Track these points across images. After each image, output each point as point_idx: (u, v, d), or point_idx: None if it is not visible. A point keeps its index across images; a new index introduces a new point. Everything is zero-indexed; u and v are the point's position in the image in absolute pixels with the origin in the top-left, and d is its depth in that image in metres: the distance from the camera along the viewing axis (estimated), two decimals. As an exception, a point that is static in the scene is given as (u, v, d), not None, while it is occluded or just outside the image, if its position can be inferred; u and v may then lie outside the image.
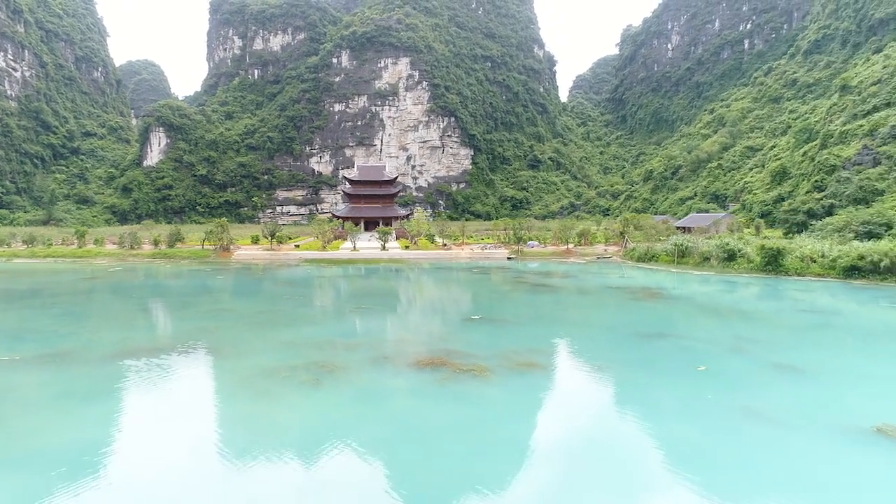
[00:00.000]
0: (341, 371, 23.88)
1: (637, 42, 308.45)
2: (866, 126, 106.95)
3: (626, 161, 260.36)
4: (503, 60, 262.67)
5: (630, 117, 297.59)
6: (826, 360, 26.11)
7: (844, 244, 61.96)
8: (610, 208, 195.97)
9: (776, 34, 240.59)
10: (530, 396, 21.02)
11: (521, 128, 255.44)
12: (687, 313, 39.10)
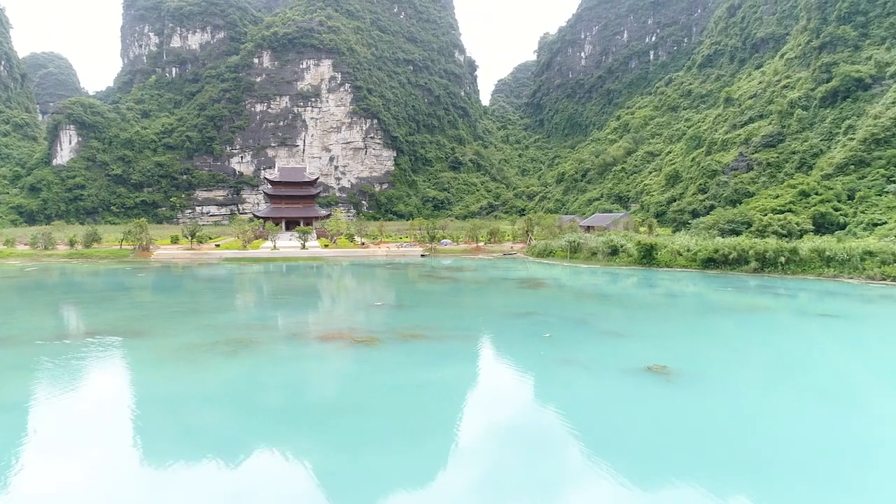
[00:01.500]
0: (256, 344, 28.80)
1: (553, 50, 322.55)
2: (743, 135, 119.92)
3: (543, 163, 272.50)
4: (425, 64, 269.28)
5: (547, 121, 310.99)
6: (645, 328, 33.32)
7: (710, 240, 71.42)
8: (526, 208, 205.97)
9: (678, 47, 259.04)
10: (408, 356, 26.76)
11: (442, 130, 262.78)
12: (558, 298, 46.13)
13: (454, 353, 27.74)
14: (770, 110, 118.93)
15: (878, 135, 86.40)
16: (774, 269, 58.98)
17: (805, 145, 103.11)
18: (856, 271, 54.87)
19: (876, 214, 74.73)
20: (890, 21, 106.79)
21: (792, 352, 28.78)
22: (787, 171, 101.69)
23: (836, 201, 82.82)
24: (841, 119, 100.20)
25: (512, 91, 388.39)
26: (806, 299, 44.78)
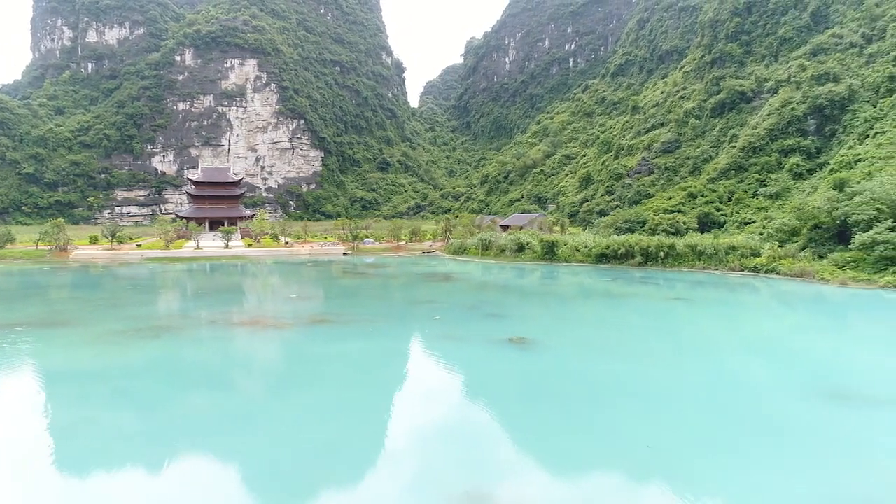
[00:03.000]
0: (176, 329, 32.38)
1: (479, 54, 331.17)
2: (646, 141, 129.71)
3: (470, 165, 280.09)
4: (352, 66, 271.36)
5: (474, 124, 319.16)
6: (521, 311, 38.96)
7: (606, 237, 78.71)
8: (452, 209, 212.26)
9: (595, 56, 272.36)
10: (312, 335, 31.11)
11: (370, 131, 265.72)
12: (459, 289, 51.42)
13: (354, 333, 32.24)
14: (669, 119, 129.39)
15: (755, 143, 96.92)
16: (656, 263, 66.59)
17: (697, 151, 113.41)
18: (721, 263, 63.03)
19: (748, 214, 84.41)
20: (769, 41, 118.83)
21: (632, 326, 34.99)
22: (682, 175, 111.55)
23: (719, 202, 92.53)
24: (727, 128, 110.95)
25: (440, 93, 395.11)
26: (668, 287, 51.93)
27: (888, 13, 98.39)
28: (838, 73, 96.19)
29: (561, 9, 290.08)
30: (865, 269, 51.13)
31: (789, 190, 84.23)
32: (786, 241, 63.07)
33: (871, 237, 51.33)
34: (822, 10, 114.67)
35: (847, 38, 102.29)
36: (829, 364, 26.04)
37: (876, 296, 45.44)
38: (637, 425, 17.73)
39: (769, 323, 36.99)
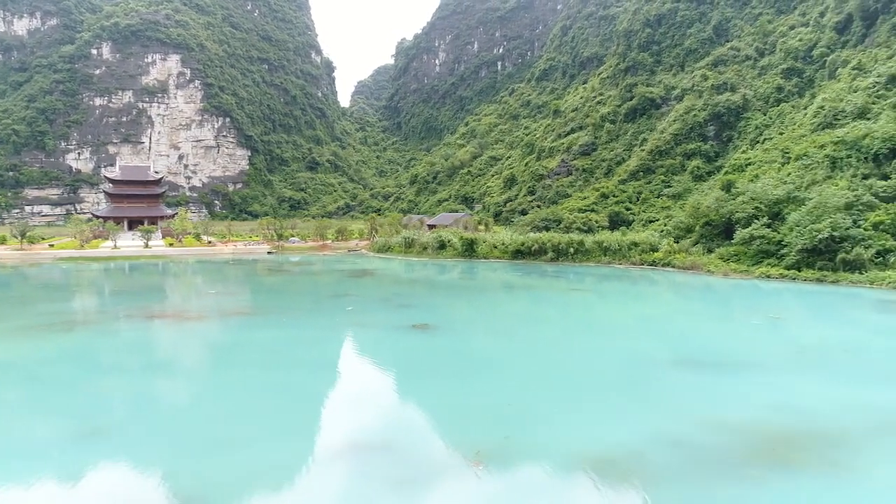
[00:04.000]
0: (91, 323, 33.17)
1: (409, 55, 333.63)
2: (566, 144, 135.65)
3: (401, 165, 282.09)
4: (280, 64, 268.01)
5: (405, 124, 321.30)
6: (429, 301, 41.67)
7: (522, 235, 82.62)
8: (382, 209, 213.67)
9: (522, 60, 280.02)
10: (227, 326, 32.63)
11: (299, 130, 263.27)
12: (377, 284, 53.68)
13: (269, 322, 33.95)
14: (587, 123, 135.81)
15: (662, 147, 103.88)
16: (567, 258, 70.90)
17: (612, 154, 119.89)
18: (624, 258, 67.93)
19: (653, 213, 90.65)
20: (676, 52, 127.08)
21: (530, 313, 38.29)
22: (598, 176, 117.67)
23: (628, 202, 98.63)
24: (639, 132, 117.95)
25: (372, 93, 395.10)
26: (573, 280, 55.98)
27: (777, 30, 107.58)
28: (735, 83, 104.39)
29: (489, 13, 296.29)
30: (745, 262, 56.75)
31: (690, 191, 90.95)
32: (681, 237, 68.61)
33: (749, 233, 57.07)
34: (723, 24, 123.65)
35: (743, 52, 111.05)
36: (692, 339, 29.91)
37: (751, 284, 50.76)
38: (511, 390, 20.56)
39: (650, 308, 41.21)
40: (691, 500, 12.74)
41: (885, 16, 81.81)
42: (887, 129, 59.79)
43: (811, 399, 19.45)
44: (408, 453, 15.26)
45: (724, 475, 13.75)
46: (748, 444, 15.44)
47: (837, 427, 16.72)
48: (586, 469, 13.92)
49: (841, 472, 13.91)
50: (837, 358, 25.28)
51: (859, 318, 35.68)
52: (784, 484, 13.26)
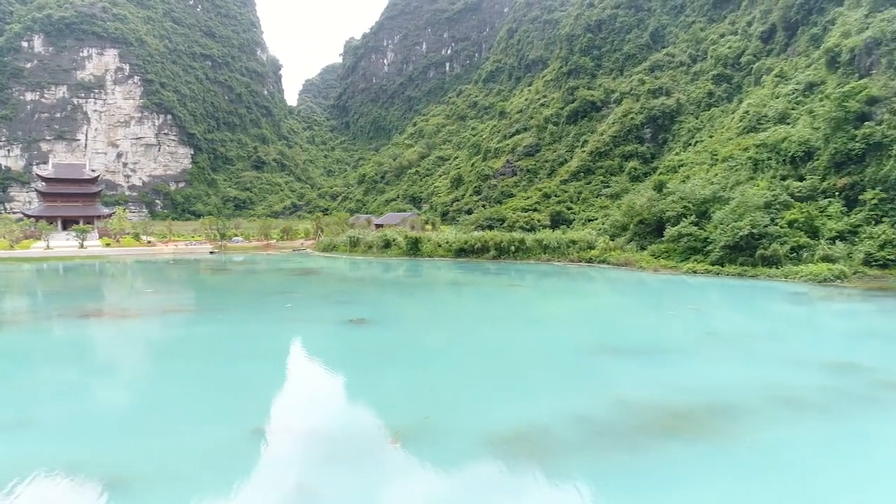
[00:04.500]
0: (20, 322, 32.56)
1: (358, 55, 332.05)
2: (511, 145, 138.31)
3: (349, 165, 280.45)
4: (224, 61, 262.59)
5: (353, 124, 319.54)
6: (368, 298, 42.44)
7: (466, 234, 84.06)
8: (329, 208, 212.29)
9: (470, 61, 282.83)
10: (163, 323, 32.60)
11: (244, 129, 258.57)
12: (319, 281, 54.04)
13: (205, 319, 34.10)
14: (531, 124, 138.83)
15: (601, 148, 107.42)
16: (508, 256, 72.69)
17: (554, 155, 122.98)
18: (563, 256, 70.17)
19: (592, 212, 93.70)
20: (616, 56, 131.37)
21: (466, 307, 39.56)
22: (541, 177, 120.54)
23: (570, 202, 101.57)
24: (580, 134, 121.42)
25: (320, 92, 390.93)
26: (513, 276, 57.68)
27: (709, 37, 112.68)
28: (670, 87, 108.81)
29: (437, 14, 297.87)
30: (674, 258, 59.65)
31: (627, 191, 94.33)
32: (617, 235, 71.38)
33: (678, 231, 60.03)
34: (660, 30, 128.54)
35: (678, 58, 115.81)
36: (614, 329, 31.68)
37: (679, 279, 53.46)
38: (437, 377, 21.63)
39: (581, 302, 43.12)
40: (586, 467, 14.04)
41: (804, 27, 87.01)
42: (803, 133, 63.77)
43: (709, 379, 21.25)
44: (332, 435, 16.11)
45: (619, 445, 15.14)
46: (646, 419, 16.94)
47: (727, 402, 18.44)
48: (493, 443, 15.09)
49: (723, 439, 15.51)
50: (741, 343, 27.42)
51: (769, 308, 38.36)
52: (671, 450, 14.74)
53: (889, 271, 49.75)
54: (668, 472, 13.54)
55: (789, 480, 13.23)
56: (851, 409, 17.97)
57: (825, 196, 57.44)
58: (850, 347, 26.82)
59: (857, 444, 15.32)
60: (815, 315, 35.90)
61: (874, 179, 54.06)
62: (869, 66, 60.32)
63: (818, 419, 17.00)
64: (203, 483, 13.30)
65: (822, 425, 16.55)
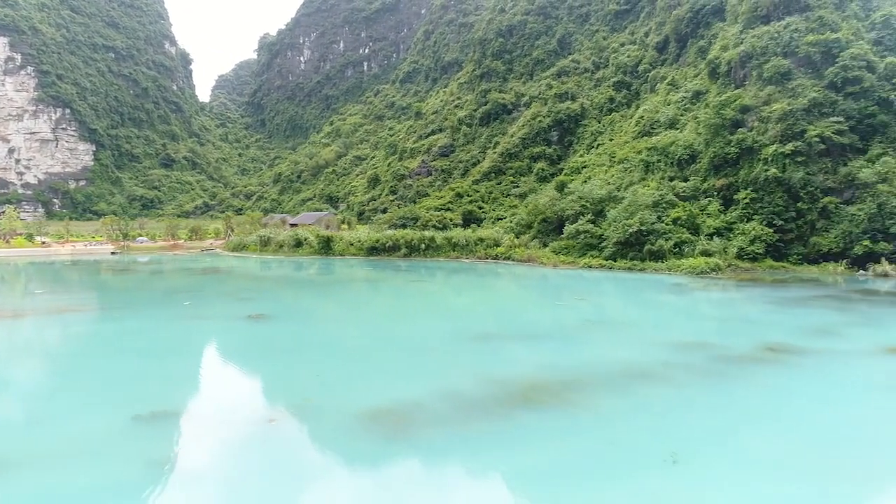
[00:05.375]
0: None
1: (273, 51, 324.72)
2: (426, 145, 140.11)
3: (264, 163, 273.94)
4: (129, 53, 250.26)
5: (269, 122, 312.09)
6: (269, 295, 42.90)
7: (378, 233, 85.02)
8: (243, 208, 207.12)
9: (388, 61, 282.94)
10: (55, 322, 31.89)
11: (152, 125, 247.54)
12: (223, 280, 53.74)
13: (100, 318, 33.59)
14: (446, 125, 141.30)
15: (511, 150, 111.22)
16: (419, 254, 74.42)
17: (468, 156, 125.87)
18: (471, 253, 72.65)
19: (501, 211, 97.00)
20: (526, 61, 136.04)
21: (366, 302, 40.81)
22: (455, 177, 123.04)
23: (481, 201, 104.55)
24: (492, 136, 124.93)
25: (234, 88, 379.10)
26: (423, 274, 59.41)
27: (611, 46, 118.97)
28: (575, 92, 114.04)
29: (355, 13, 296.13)
30: (573, 254, 63.22)
31: (535, 191, 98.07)
32: (522, 232, 74.58)
33: (576, 228, 63.67)
34: (567, 38, 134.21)
35: (582, 64, 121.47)
36: (501, 318, 33.81)
37: (576, 273, 56.84)
38: (324, 365, 22.78)
39: (479, 295, 45.35)
40: (446, 434, 15.65)
41: (693, 39, 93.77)
42: (688, 138, 69.11)
43: (574, 359, 23.54)
44: (212, 418, 16.98)
45: (479, 415, 16.88)
46: (509, 392, 18.82)
47: (583, 377, 20.67)
48: (366, 418, 16.47)
49: (570, 406, 17.58)
50: (612, 328, 30.19)
51: (648, 298, 41.85)
52: (523, 417, 16.61)
53: (758, 263, 55.10)
54: (516, 434, 15.35)
55: (616, 438, 15.36)
56: (687, 379, 20.65)
57: (706, 196, 62.63)
58: (706, 329, 30.13)
59: (683, 408, 17.81)
60: (686, 303, 39.56)
61: (746, 181, 59.49)
62: (743, 77, 66.22)
63: (655, 388, 19.46)
64: (71, 464, 13.87)
65: (656, 393, 18.99)
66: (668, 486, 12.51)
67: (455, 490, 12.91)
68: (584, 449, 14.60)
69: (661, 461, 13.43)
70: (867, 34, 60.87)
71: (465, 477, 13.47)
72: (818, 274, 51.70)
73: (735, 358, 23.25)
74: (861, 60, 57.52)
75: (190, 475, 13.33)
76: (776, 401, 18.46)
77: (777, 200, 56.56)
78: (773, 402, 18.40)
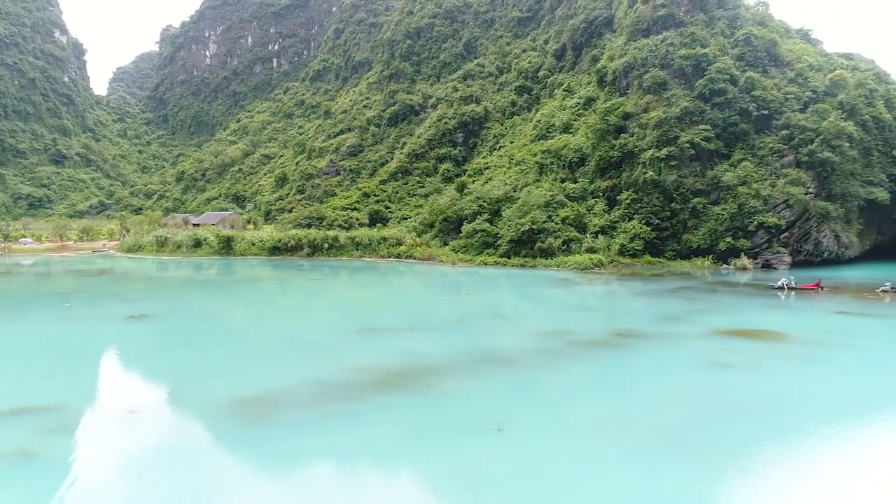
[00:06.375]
0: None
1: (176, 44, 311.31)
2: (335, 144, 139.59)
3: (167, 161, 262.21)
4: (14, 41, 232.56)
5: (172, 117, 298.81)
6: (154, 296, 42.37)
7: (282, 232, 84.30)
8: (143, 207, 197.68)
9: (298, 58, 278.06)
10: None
11: (40, 118, 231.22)
12: (111, 282, 52.18)
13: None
14: (355, 125, 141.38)
15: (418, 150, 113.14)
16: (322, 253, 74.66)
17: (376, 156, 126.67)
18: (374, 252, 73.70)
19: (407, 211, 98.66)
20: (433, 63, 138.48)
21: (257, 300, 41.17)
22: (364, 177, 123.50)
23: (388, 201, 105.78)
24: (400, 136, 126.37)
25: (134, 81, 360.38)
26: (326, 273, 59.96)
27: (513, 51, 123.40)
28: (479, 95, 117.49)
29: (263, 8, 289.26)
30: (471, 252, 65.66)
31: (440, 191, 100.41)
32: (424, 232, 76.48)
33: (473, 227, 66.21)
34: (472, 42, 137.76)
35: (487, 68, 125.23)
36: (387, 313, 35.28)
37: (473, 271, 59.19)
38: (197, 359, 23.38)
39: (372, 291, 46.66)
40: (304, 415, 16.89)
41: (587, 48, 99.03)
42: (579, 141, 73.34)
43: (441, 348, 25.34)
44: (70, 410, 17.36)
45: (340, 398, 18.24)
46: (373, 378, 20.27)
47: (444, 363, 22.44)
48: (231, 406, 17.45)
49: (423, 388, 19.26)
50: (486, 320, 32.36)
51: (532, 292, 44.59)
52: (378, 398, 18.12)
53: (637, 259, 59.61)
54: (369, 413, 16.83)
55: (456, 412, 17.17)
56: (537, 361, 22.90)
57: (593, 196, 66.85)
58: (572, 318, 32.85)
59: (523, 386, 19.94)
60: (564, 296, 42.53)
61: (628, 183, 64.06)
62: (626, 86, 71.08)
63: (505, 370, 21.55)
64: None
65: (505, 374, 21.08)
66: (488, 449, 14.39)
67: (304, 462, 14.17)
68: (425, 423, 16.27)
69: (488, 430, 15.31)
70: (731, 50, 66.99)
71: (316, 450, 14.74)
72: (689, 268, 56.65)
73: (587, 343, 25.86)
74: (725, 74, 63.39)
75: (44, 467, 13.85)
76: (607, 377, 20.99)
77: (654, 201, 61.37)
78: (604, 378, 20.92)
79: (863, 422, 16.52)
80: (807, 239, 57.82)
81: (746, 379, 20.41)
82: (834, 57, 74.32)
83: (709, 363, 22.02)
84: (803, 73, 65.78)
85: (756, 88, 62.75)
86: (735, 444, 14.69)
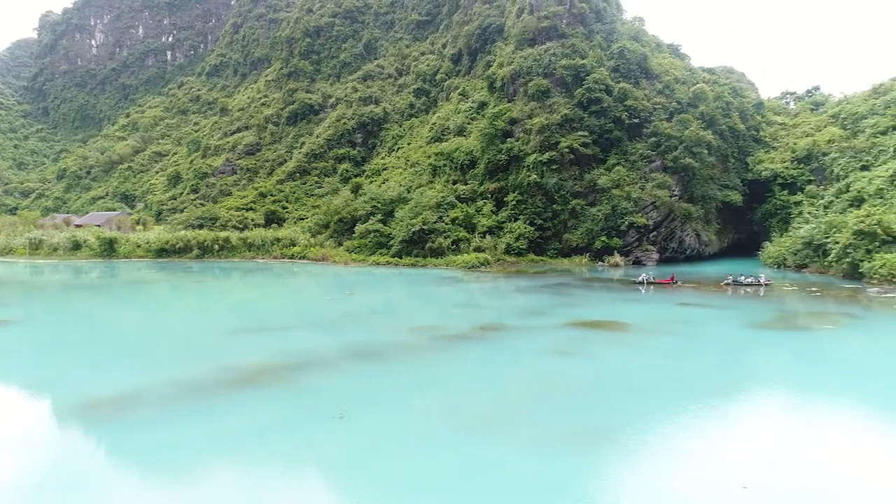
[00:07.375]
0: None
1: (58, 31, 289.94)
2: (231, 143, 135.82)
3: (48, 157, 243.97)
4: None
5: (53, 111, 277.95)
6: (24, 301, 40.53)
7: (170, 234, 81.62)
8: (18, 207, 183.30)
9: (194, 52, 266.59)
10: None
11: None
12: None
13: None
14: (252, 123, 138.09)
15: (316, 150, 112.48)
16: (213, 255, 73.16)
17: (274, 155, 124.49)
18: (267, 253, 73.13)
19: (304, 211, 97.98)
20: (333, 63, 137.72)
21: (129, 303, 40.35)
22: (262, 176, 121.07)
23: (285, 201, 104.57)
24: (299, 136, 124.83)
25: (9, 70, 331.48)
26: (212, 274, 59.03)
27: (412, 54, 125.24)
28: (379, 97, 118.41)
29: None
30: (364, 252, 66.70)
31: (338, 192, 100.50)
32: (319, 232, 76.67)
33: (366, 227, 67.29)
34: (372, 43, 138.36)
35: (387, 70, 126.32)
36: (266, 313, 35.74)
37: (366, 270, 60.24)
38: (62, 366, 23.09)
39: (255, 292, 46.86)
40: (154, 413, 17.40)
41: (481, 54, 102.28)
42: (471, 144, 76.01)
43: (311, 345, 26.34)
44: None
45: (197, 395, 18.82)
46: (235, 377, 20.93)
47: (310, 359, 23.46)
48: (83, 406, 17.69)
49: (282, 383, 20.20)
50: (363, 318, 33.60)
51: (416, 290, 46.32)
52: (235, 394, 18.87)
53: (522, 258, 62.90)
54: (222, 408, 17.58)
55: (304, 404, 18.30)
56: (397, 355, 24.44)
57: (482, 198, 69.68)
58: (444, 314, 34.73)
59: (376, 378, 21.33)
60: (445, 293, 44.51)
61: (514, 185, 67.33)
62: (513, 92, 74.52)
63: (364, 364, 22.90)
64: None
65: (362, 367, 22.43)
66: (326, 434, 15.65)
67: (150, 455, 14.71)
68: (273, 414, 17.28)
69: (330, 418, 16.58)
70: (607, 62, 71.90)
71: (164, 444, 15.27)
72: (569, 265, 60.51)
73: (451, 336, 27.68)
74: (601, 84, 68.02)
75: None
76: (456, 367, 22.81)
77: (538, 202, 64.96)
78: (454, 368, 22.73)
79: (682, 400, 19.05)
80: (672, 237, 63.29)
81: (579, 364, 22.86)
82: (698, 71, 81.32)
83: (550, 352, 24.35)
84: (670, 85, 71.73)
85: (629, 98, 67.81)
86: (553, 420, 16.73)
